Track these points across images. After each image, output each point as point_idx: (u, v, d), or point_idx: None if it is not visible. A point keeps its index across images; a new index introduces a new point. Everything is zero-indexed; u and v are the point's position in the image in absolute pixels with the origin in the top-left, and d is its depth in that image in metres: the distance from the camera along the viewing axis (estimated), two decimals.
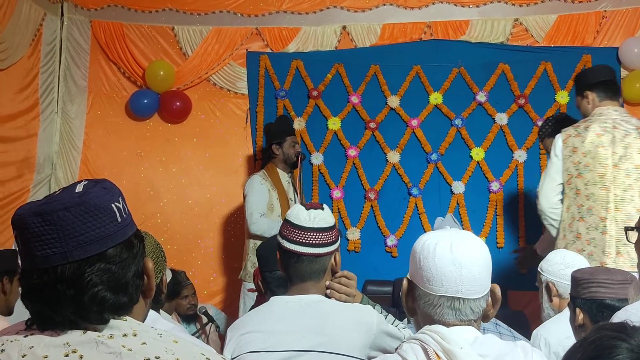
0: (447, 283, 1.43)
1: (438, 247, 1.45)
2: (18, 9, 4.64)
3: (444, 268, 1.43)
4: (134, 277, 1.13)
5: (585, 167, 3.36)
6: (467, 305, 1.44)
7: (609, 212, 3.27)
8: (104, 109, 5.44)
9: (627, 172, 3.29)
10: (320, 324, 1.88)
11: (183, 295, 4.13)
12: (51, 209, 1.05)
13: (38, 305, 1.08)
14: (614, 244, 3.23)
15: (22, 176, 4.89)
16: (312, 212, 1.96)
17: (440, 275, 1.43)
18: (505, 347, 1.42)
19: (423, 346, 1.39)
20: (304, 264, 1.95)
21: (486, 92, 5.20)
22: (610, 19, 5.17)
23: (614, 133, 3.35)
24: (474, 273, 1.43)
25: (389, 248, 5.16)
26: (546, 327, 2.63)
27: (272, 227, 4.03)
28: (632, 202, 3.26)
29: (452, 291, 1.43)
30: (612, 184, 3.30)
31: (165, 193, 5.40)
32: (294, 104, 5.32)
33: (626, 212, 3.25)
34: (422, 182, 5.18)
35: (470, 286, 1.43)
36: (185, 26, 5.42)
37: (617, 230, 3.22)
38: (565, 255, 2.79)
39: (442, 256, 1.44)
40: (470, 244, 1.46)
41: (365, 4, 5.37)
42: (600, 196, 3.31)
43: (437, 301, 1.45)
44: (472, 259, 1.43)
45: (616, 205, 3.28)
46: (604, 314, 2.08)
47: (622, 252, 3.20)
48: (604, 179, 3.32)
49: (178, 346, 1.10)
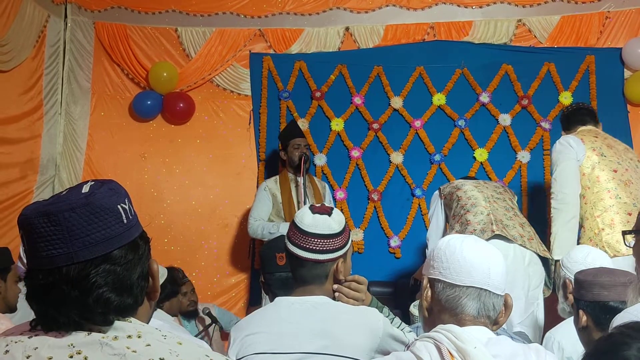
0: (476, 274, 1.47)
1: (465, 243, 1.51)
2: (22, 10, 4.64)
3: (473, 259, 1.48)
4: (139, 278, 1.13)
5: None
6: (491, 301, 1.47)
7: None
8: (108, 111, 5.45)
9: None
10: (326, 327, 1.86)
11: (182, 292, 4.15)
12: (57, 209, 1.05)
13: (43, 306, 1.08)
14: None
15: (26, 177, 4.89)
16: (316, 217, 1.93)
17: (469, 267, 1.47)
18: (517, 349, 1.42)
19: (437, 345, 1.39)
20: (306, 268, 1.94)
21: (489, 93, 5.20)
22: (613, 20, 5.16)
23: None
24: (499, 269, 1.48)
25: (392, 249, 5.16)
26: (560, 330, 2.59)
27: (265, 228, 4.34)
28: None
29: (480, 282, 1.47)
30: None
31: (168, 194, 5.41)
32: (297, 105, 5.32)
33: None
34: (425, 183, 5.18)
35: (496, 280, 1.47)
36: (188, 27, 5.43)
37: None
38: (588, 254, 2.73)
39: (470, 249, 1.49)
40: (491, 247, 1.54)
41: (369, 5, 5.36)
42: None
43: (465, 292, 1.47)
44: (497, 257, 1.51)
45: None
46: (607, 316, 2.06)
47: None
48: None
49: (182, 348, 1.10)
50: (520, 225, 3.50)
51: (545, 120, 5.11)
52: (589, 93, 5.12)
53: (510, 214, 3.55)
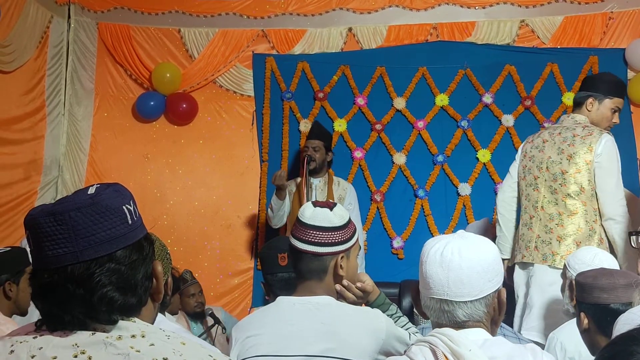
0: (434, 285, 1.46)
1: (432, 250, 1.49)
2: (25, 11, 4.66)
3: (432, 270, 1.47)
4: (143, 278, 1.14)
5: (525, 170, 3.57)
6: (457, 308, 1.45)
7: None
8: (111, 111, 5.46)
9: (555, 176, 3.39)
10: (329, 329, 1.83)
11: (190, 294, 4.18)
12: (63, 209, 1.07)
13: (48, 305, 1.09)
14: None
15: (30, 178, 4.90)
16: (317, 210, 1.92)
17: (428, 278, 1.47)
18: (514, 350, 1.42)
19: (432, 348, 1.40)
20: (304, 261, 1.91)
21: (492, 93, 5.19)
22: (616, 20, 5.15)
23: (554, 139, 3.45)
24: (461, 276, 1.44)
25: (395, 250, 5.16)
26: (564, 330, 2.56)
27: (270, 214, 4.63)
28: (556, 205, 3.37)
29: (438, 293, 1.46)
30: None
31: (171, 195, 5.42)
32: (299, 105, 5.33)
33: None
34: (428, 183, 5.18)
35: (456, 289, 1.44)
36: (191, 28, 5.43)
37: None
38: (596, 256, 2.68)
39: (432, 259, 1.47)
40: (465, 247, 1.47)
41: (371, 6, 5.36)
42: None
43: (429, 303, 1.49)
44: (460, 262, 1.44)
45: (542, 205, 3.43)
46: (608, 319, 2.04)
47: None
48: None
49: (186, 348, 1.11)
50: (558, 239, 3.31)
51: (548, 121, 5.10)
52: None
53: (555, 222, 3.37)
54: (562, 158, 3.37)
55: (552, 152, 3.42)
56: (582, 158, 3.30)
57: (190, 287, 4.21)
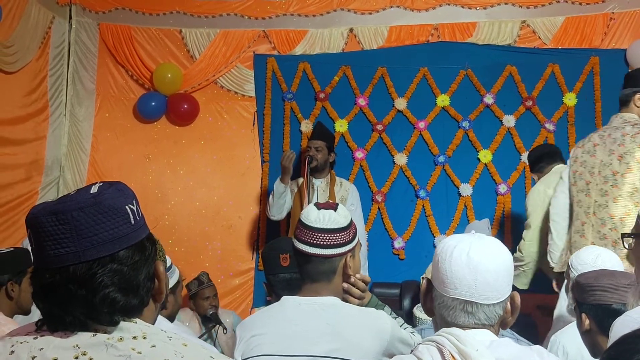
0: (460, 286, 1.44)
1: (455, 250, 1.46)
2: (27, 12, 4.66)
3: (459, 271, 1.44)
4: (145, 279, 1.13)
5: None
6: (481, 310, 1.45)
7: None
8: (112, 112, 5.46)
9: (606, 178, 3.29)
10: (334, 330, 1.83)
11: (205, 296, 4.15)
12: (65, 208, 1.06)
13: (49, 305, 1.08)
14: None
15: (31, 178, 4.91)
16: (322, 213, 1.92)
17: (454, 278, 1.44)
18: (520, 352, 1.42)
19: (439, 348, 1.40)
20: (313, 264, 1.90)
21: (493, 94, 5.19)
22: (618, 21, 5.14)
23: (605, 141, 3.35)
24: (488, 279, 1.43)
25: (396, 250, 5.16)
26: (565, 333, 2.55)
27: (270, 202, 4.63)
28: (607, 208, 3.26)
29: (464, 294, 1.44)
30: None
31: (172, 195, 5.42)
32: (301, 106, 5.33)
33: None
34: (429, 184, 5.18)
35: (483, 291, 1.44)
36: (192, 29, 5.43)
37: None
38: (598, 256, 2.65)
39: (457, 259, 1.45)
40: (489, 249, 1.46)
41: (372, 6, 5.36)
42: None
43: (451, 303, 1.46)
44: (488, 264, 1.44)
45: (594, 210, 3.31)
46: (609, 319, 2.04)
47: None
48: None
49: (187, 349, 1.10)
50: (614, 245, 3.17)
51: (549, 122, 5.11)
52: (594, 94, 5.11)
53: (608, 227, 3.26)
54: (612, 159, 3.27)
55: (603, 155, 3.32)
56: (633, 157, 3.19)
57: (205, 289, 4.17)
